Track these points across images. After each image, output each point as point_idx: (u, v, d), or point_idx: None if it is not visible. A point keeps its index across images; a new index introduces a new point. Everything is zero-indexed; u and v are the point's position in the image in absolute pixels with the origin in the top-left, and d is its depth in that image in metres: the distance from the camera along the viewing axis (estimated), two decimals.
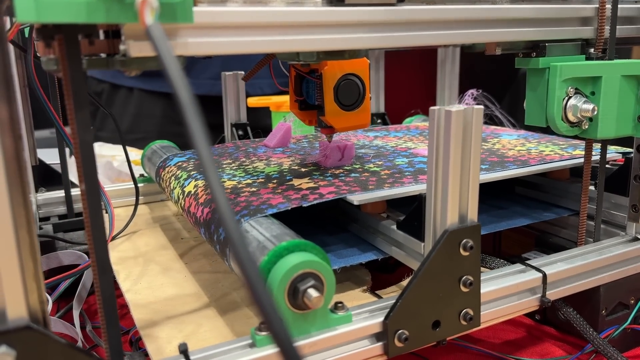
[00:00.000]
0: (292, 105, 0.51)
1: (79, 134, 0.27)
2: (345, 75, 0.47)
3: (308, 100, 0.50)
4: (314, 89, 0.49)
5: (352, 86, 0.47)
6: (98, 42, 0.29)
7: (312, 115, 0.51)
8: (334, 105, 0.47)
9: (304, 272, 0.32)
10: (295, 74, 0.50)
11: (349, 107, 0.48)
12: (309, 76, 0.48)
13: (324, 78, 0.46)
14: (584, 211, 0.47)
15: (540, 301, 0.41)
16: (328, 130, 0.49)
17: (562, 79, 0.41)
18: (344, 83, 0.47)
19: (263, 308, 0.18)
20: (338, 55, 0.38)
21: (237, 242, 0.19)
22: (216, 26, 0.30)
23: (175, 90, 0.19)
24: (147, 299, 0.44)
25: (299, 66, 0.48)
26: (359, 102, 0.48)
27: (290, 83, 0.51)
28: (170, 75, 0.20)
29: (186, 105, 0.19)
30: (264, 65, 0.50)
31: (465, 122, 0.34)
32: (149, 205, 0.68)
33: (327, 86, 0.46)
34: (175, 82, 0.19)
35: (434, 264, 0.35)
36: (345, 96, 0.47)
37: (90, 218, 0.28)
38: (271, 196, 0.43)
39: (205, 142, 0.19)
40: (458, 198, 0.35)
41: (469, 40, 0.38)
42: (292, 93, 0.51)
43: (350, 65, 0.47)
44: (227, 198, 0.19)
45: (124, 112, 1.10)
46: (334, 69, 0.46)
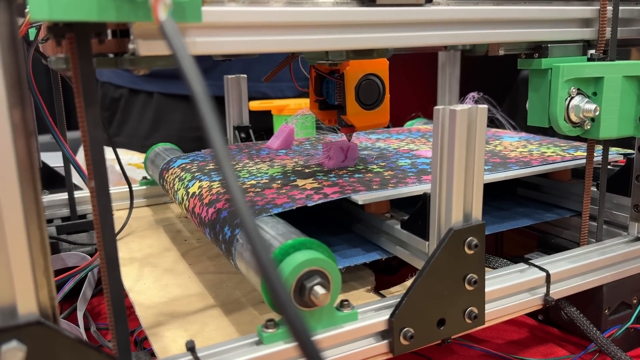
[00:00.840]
0: (312, 105, 0.52)
1: (90, 131, 0.27)
2: (366, 75, 0.48)
3: (328, 100, 0.51)
4: (334, 89, 0.50)
5: (373, 86, 0.48)
6: (107, 42, 0.29)
7: (331, 115, 0.52)
8: (355, 104, 0.48)
9: (310, 269, 0.32)
10: (316, 74, 0.50)
11: (370, 106, 0.49)
12: (329, 76, 0.49)
13: (345, 78, 0.47)
14: (586, 211, 0.47)
15: (543, 300, 0.41)
16: (348, 129, 0.50)
17: (564, 79, 0.41)
18: (365, 83, 0.48)
19: (280, 300, 0.18)
20: (366, 54, 0.39)
21: (253, 235, 0.19)
22: (224, 26, 0.30)
23: (191, 86, 0.19)
24: (151, 299, 0.44)
25: (320, 67, 0.49)
26: (379, 101, 0.49)
27: (311, 84, 0.51)
28: (185, 71, 0.20)
29: (201, 101, 0.19)
30: (285, 66, 0.51)
31: (470, 121, 0.34)
32: (151, 208, 0.68)
33: (349, 86, 0.47)
34: (190, 78, 0.20)
35: (439, 262, 0.35)
36: (366, 96, 0.48)
37: (100, 215, 0.28)
38: (276, 196, 0.43)
39: (220, 137, 0.19)
40: (462, 197, 0.35)
41: (471, 41, 0.38)
42: (312, 93, 0.52)
43: (371, 65, 0.48)
44: (242, 189, 0.19)
45: (142, 118, 1.10)
46: (355, 69, 0.47)
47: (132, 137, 1.08)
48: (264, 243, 0.19)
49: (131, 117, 1.11)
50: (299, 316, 0.18)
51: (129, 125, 1.11)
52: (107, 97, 1.13)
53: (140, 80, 1.08)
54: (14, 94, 0.25)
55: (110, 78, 1.11)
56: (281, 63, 0.54)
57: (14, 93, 0.25)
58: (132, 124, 1.11)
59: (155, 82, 1.06)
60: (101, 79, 1.13)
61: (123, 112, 1.12)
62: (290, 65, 0.54)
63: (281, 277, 0.18)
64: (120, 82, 1.10)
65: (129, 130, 1.11)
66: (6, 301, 0.25)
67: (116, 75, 1.10)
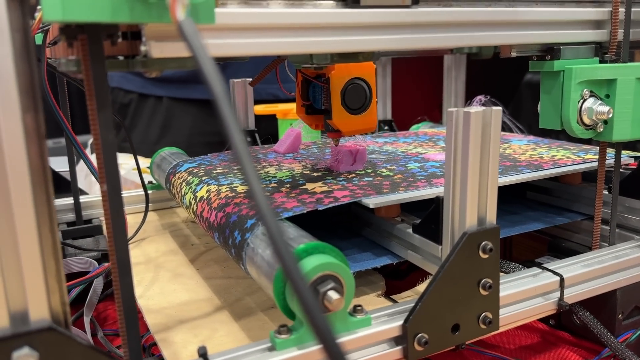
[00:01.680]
0: (299, 110, 0.52)
1: (102, 134, 0.27)
2: (352, 79, 0.48)
3: (315, 104, 0.50)
4: (320, 93, 0.49)
5: (359, 90, 0.48)
6: (119, 44, 0.29)
7: (318, 120, 0.51)
8: (341, 109, 0.48)
9: (323, 274, 0.31)
10: (302, 78, 0.50)
11: (356, 110, 0.48)
12: (315, 80, 0.49)
13: (331, 82, 0.47)
14: (599, 215, 0.46)
15: (557, 305, 0.41)
16: (335, 134, 0.50)
17: (577, 81, 0.41)
18: (351, 87, 0.47)
19: (305, 302, 0.17)
20: (352, 57, 0.38)
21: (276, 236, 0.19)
22: (236, 28, 0.30)
23: (211, 88, 0.19)
24: (160, 305, 0.44)
25: (306, 71, 0.49)
26: (365, 105, 0.49)
27: (297, 88, 0.51)
28: (205, 73, 0.19)
29: (222, 104, 0.19)
30: (272, 69, 0.51)
31: (484, 123, 0.34)
32: (157, 212, 0.68)
33: (335, 90, 0.47)
34: (211, 81, 0.19)
35: (453, 266, 0.34)
36: (352, 100, 0.48)
37: (112, 219, 0.28)
38: (285, 200, 0.43)
39: (241, 136, 0.19)
40: (477, 200, 0.35)
41: (484, 43, 0.38)
42: (298, 98, 0.51)
43: (357, 69, 0.48)
44: (264, 190, 0.19)
45: (152, 123, 1.10)
46: (341, 73, 0.47)
47: (141, 143, 1.08)
48: (288, 247, 0.18)
49: (140, 122, 1.11)
50: (324, 318, 0.17)
51: (137, 131, 1.11)
52: (116, 103, 1.13)
53: (150, 85, 1.07)
54: (27, 98, 0.24)
55: (120, 83, 1.10)
56: (268, 66, 0.54)
57: (27, 97, 0.24)
58: (141, 129, 1.11)
59: (165, 86, 1.06)
60: (110, 84, 1.13)
61: (132, 118, 1.11)
62: (276, 68, 0.54)
63: (304, 277, 0.18)
64: (130, 87, 1.10)
65: (138, 135, 1.11)
66: (18, 307, 0.25)
67: (126, 80, 1.10)
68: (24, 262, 0.25)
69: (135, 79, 1.09)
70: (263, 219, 0.19)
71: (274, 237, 0.18)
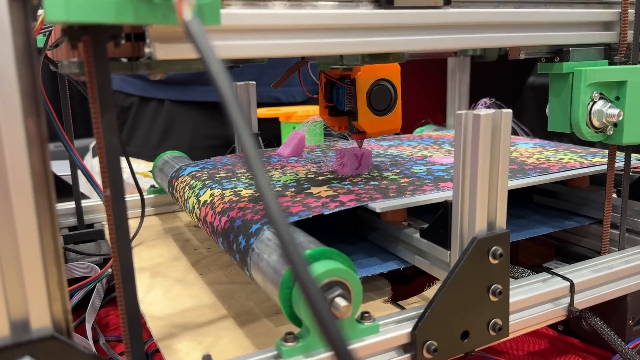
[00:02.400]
0: (322, 112, 0.51)
1: (105, 138, 0.26)
2: (377, 81, 0.47)
3: (338, 106, 0.50)
4: (344, 95, 0.49)
5: (385, 91, 0.47)
6: (123, 45, 0.28)
7: (342, 121, 0.51)
8: (367, 110, 0.47)
9: (330, 280, 0.31)
10: (326, 80, 0.50)
11: (382, 112, 0.48)
12: (340, 82, 0.48)
13: (357, 84, 0.46)
14: (608, 219, 0.46)
15: (567, 310, 0.40)
16: (360, 135, 0.49)
17: (586, 83, 0.40)
18: (376, 88, 0.47)
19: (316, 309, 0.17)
20: (383, 58, 0.38)
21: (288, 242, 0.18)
22: (238, 29, 0.30)
23: (220, 90, 0.18)
24: (163, 311, 0.43)
25: (331, 72, 0.48)
26: (391, 106, 0.48)
27: (321, 90, 0.51)
28: (213, 75, 0.19)
29: (232, 106, 0.18)
30: (295, 71, 0.50)
31: (494, 126, 0.33)
32: (160, 217, 0.67)
33: (360, 91, 0.47)
34: (219, 82, 0.19)
35: (463, 272, 0.34)
36: (378, 101, 0.47)
37: (115, 225, 0.27)
38: (290, 204, 0.42)
39: (252, 139, 0.18)
40: (487, 204, 0.34)
41: (508, 44, 0.38)
42: (322, 99, 0.51)
43: (382, 70, 0.47)
44: (275, 194, 0.18)
45: (153, 126, 1.09)
46: (367, 74, 0.46)
47: (142, 147, 1.07)
48: (300, 253, 0.17)
49: (142, 125, 1.10)
50: (336, 325, 0.17)
51: (139, 135, 1.10)
52: (116, 106, 1.12)
53: (151, 87, 1.07)
54: (29, 102, 0.24)
55: (121, 86, 1.10)
56: (291, 68, 0.53)
57: (29, 102, 0.24)
58: (143, 132, 1.10)
59: (167, 89, 1.05)
60: None
61: (134, 121, 1.11)
62: (299, 70, 0.53)
63: (316, 284, 0.17)
64: (131, 90, 1.09)
65: (139, 139, 1.10)
66: (19, 315, 0.24)
67: (127, 84, 1.09)
68: (25, 268, 0.24)
69: (136, 82, 1.09)
70: (274, 223, 0.18)
71: (286, 243, 0.18)
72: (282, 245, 0.18)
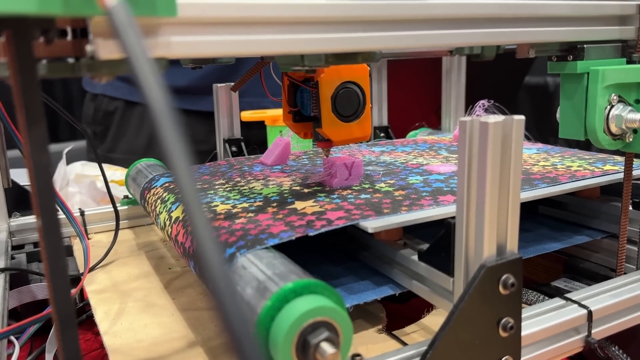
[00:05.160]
0: (286, 117, 0.46)
1: (33, 156, 0.21)
2: (343, 84, 0.42)
3: (303, 111, 0.45)
4: (309, 99, 0.44)
5: (351, 95, 0.42)
6: (59, 43, 0.23)
7: (307, 128, 0.46)
8: (332, 116, 0.42)
9: (315, 321, 0.26)
10: (289, 83, 0.45)
11: (348, 117, 0.43)
12: (303, 85, 0.43)
13: (320, 87, 0.41)
14: (624, 234, 0.41)
15: (584, 342, 0.35)
16: (325, 143, 0.45)
17: (604, 85, 0.36)
18: (342, 92, 0.42)
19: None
20: (350, 59, 0.32)
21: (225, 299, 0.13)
22: (205, 22, 0.25)
23: (146, 92, 0.14)
24: (127, 343, 0.38)
25: (293, 74, 0.43)
26: (358, 112, 0.43)
27: (284, 93, 0.46)
28: (139, 73, 0.14)
29: (160, 114, 0.13)
30: (255, 73, 0.45)
31: (504, 136, 0.29)
32: (133, 230, 0.62)
33: (324, 95, 0.42)
34: (145, 82, 0.14)
35: (470, 306, 0.29)
36: (343, 106, 0.42)
37: (49, 263, 0.22)
38: (271, 223, 0.37)
39: (185, 164, 0.13)
40: (496, 226, 0.30)
41: (503, 41, 0.33)
42: (285, 104, 0.46)
43: (349, 72, 0.42)
44: (212, 235, 0.13)
45: (139, 133, 1.03)
46: (332, 76, 0.42)
47: (129, 153, 1.01)
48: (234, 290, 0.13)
49: (128, 131, 1.04)
50: None
51: (124, 141, 1.04)
52: (100, 111, 1.06)
53: (138, 91, 1.01)
54: None
55: (105, 89, 1.04)
56: (250, 70, 0.48)
57: None
58: (129, 139, 1.04)
59: None
60: (94, 90, 1.07)
61: (118, 127, 1.05)
62: (261, 72, 0.48)
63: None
64: (116, 93, 1.03)
65: (125, 145, 1.04)
66: None
67: (111, 87, 1.03)
68: None
69: (121, 85, 1.03)
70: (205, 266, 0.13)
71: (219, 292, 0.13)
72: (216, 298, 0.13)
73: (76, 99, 1.96)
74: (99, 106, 1.06)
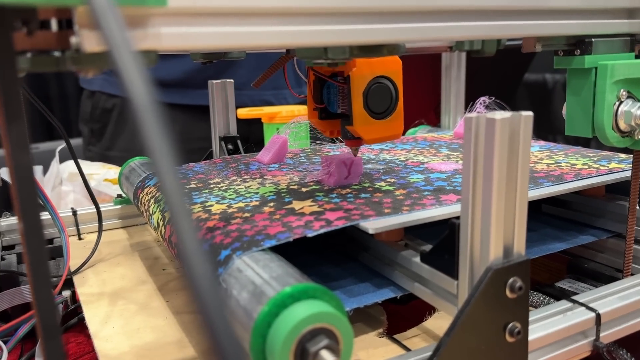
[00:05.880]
0: (311, 114, 0.44)
1: (14, 156, 0.20)
2: (376, 78, 0.40)
3: (329, 108, 0.43)
4: (336, 95, 0.42)
5: (384, 91, 0.40)
6: (41, 34, 0.22)
7: (334, 126, 0.44)
8: (364, 113, 0.40)
9: (314, 327, 0.25)
10: (315, 78, 0.43)
11: (381, 115, 0.41)
12: (331, 80, 0.41)
13: (352, 82, 0.39)
14: (631, 234, 0.40)
15: (592, 346, 0.34)
16: (354, 142, 0.42)
17: (613, 80, 0.34)
18: (375, 87, 0.40)
19: None
20: (375, 51, 0.31)
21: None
22: (198, 12, 0.23)
23: (125, 83, 0.12)
24: (119, 348, 0.37)
25: (320, 69, 0.42)
26: (391, 109, 0.41)
27: (309, 89, 0.44)
28: (120, 69, 0.13)
29: (142, 107, 0.12)
30: (278, 68, 0.44)
31: (512, 133, 0.27)
32: (127, 230, 0.61)
33: (356, 91, 0.39)
34: (126, 72, 0.12)
35: (476, 311, 0.28)
36: (376, 102, 0.40)
37: (32, 268, 0.21)
38: (268, 223, 0.36)
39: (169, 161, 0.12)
40: (503, 227, 0.28)
41: (506, 35, 0.32)
42: (310, 100, 0.44)
43: (382, 66, 0.40)
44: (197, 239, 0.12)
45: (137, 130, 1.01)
46: (364, 71, 0.39)
47: (127, 151, 0.99)
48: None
49: (126, 129, 1.02)
50: None
51: (122, 139, 1.03)
52: (97, 108, 1.04)
53: (118, 85, 0.99)
54: None
55: (102, 86, 1.02)
56: (273, 65, 0.47)
57: None
58: (127, 137, 1.02)
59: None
60: (91, 87, 1.05)
61: (116, 124, 1.03)
62: (284, 67, 0.47)
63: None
64: (114, 90, 1.01)
65: (123, 143, 1.02)
66: None
67: (108, 84, 1.01)
68: None
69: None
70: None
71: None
72: None
73: (71, 96, 1.94)
74: (97, 104, 1.04)
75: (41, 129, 1.59)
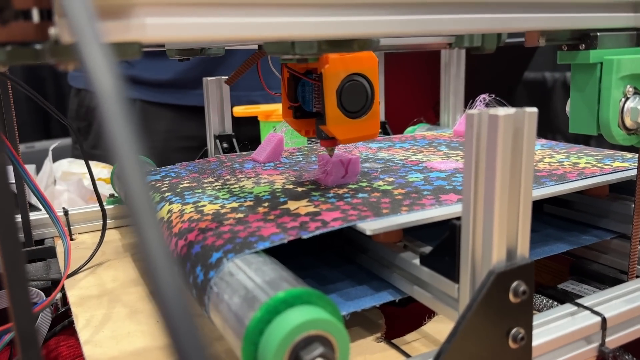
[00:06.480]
0: (285, 113, 0.43)
1: None
2: (350, 76, 0.39)
3: (304, 106, 0.42)
4: (311, 93, 0.41)
5: (359, 89, 0.39)
6: (17, 25, 0.20)
7: (309, 125, 0.43)
8: (337, 111, 0.39)
9: (308, 335, 0.23)
10: (289, 75, 0.42)
11: (355, 114, 0.39)
12: (305, 77, 0.40)
13: (324, 79, 0.38)
14: (637, 235, 0.39)
15: (598, 351, 0.33)
16: (329, 142, 0.41)
17: (619, 75, 0.33)
18: (348, 85, 0.38)
19: None
20: (345, 46, 0.30)
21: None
22: (184, 2, 0.22)
23: (92, 76, 0.11)
24: (109, 354, 0.36)
25: (293, 65, 0.40)
26: (366, 107, 0.40)
27: (283, 87, 0.42)
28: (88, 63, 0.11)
29: (108, 101, 0.11)
30: (252, 65, 0.42)
31: (516, 130, 0.26)
32: (119, 230, 0.59)
33: (329, 89, 0.38)
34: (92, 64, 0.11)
35: (478, 315, 0.26)
36: (350, 101, 0.39)
37: (7, 274, 0.20)
38: (262, 224, 0.35)
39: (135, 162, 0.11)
40: (506, 228, 0.27)
41: (509, 28, 0.30)
42: (284, 98, 0.43)
43: (356, 63, 0.39)
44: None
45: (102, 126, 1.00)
46: (337, 67, 0.38)
47: None
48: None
49: None
50: None
51: None
52: (83, 106, 1.03)
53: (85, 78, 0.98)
54: None
55: (88, 84, 1.01)
56: (246, 61, 0.45)
57: None
58: None
59: (138, 88, 0.97)
60: (78, 85, 1.04)
61: None
62: (257, 63, 0.45)
63: None
64: None
65: None
66: None
67: None
68: None
69: None
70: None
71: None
72: None
73: (67, 95, 1.93)
74: (82, 101, 1.03)
75: (36, 128, 1.57)
